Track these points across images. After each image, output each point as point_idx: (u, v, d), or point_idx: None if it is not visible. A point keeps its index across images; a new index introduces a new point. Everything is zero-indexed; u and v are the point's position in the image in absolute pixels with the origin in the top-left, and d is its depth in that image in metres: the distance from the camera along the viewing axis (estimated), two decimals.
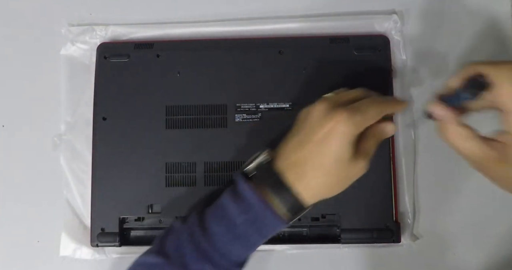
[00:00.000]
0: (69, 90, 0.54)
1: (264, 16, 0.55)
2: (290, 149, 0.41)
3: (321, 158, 0.39)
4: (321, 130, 0.38)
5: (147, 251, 0.44)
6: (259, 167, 0.42)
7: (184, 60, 0.52)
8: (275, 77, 0.51)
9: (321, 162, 0.39)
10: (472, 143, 0.37)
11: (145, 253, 0.43)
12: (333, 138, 0.38)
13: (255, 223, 0.40)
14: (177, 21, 0.55)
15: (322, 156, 0.38)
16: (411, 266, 0.51)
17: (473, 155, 0.37)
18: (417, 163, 0.52)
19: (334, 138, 0.38)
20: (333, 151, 0.38)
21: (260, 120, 0.50)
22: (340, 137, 0.38)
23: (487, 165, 0.37)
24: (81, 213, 0.52)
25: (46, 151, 0.54)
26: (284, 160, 0.40)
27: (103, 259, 0.52)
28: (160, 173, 0.50)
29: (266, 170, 0.41)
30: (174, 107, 0.51)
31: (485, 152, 0.36)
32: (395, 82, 0.52)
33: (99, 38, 0.55)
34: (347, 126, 0.38)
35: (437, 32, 0.54)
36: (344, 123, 0.38)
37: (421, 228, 0.51)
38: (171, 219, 0.50)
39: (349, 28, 0.53)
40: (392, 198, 0.49)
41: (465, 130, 0.37)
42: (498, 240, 0.51)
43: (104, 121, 0.51)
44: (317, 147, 0.39)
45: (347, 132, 0.38)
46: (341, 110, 0.38)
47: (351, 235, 0.48)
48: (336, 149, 0.38)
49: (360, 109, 0.39)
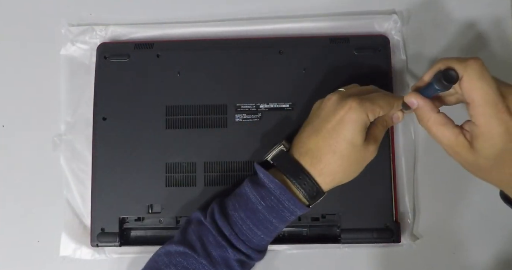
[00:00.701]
0: (69, 90, 0.54)
1: (264, 16, 0.55)
2: (305, 137, 0.43)
3: (334, 144, 0.41)
4: (334, 118, 0.41)
5: (169, 242, 0.45)
6: (277, 156, 0.44)
7: (184, 60, 0.52)
8: (275, 77, 0.51)
9: (335, 147, 0.41)
10: (446, 128, 0.39)
11: (167, 243, 0.45)
12: (346, 125, 0.41)
13: (275, 208, 0.42)
14: (177, 21, 0.55)
15: (336, 141, 0.41)
16: (411, 266, 0.51)
17: (447, 140, 0.40)
18: (417, 163, 0.52)
19: (346, 125, 0.41)
20: (346, 137, 0.41)
21: (260, 120, 0.50)
22: (352, 123, 0.41)
23: (458, 150, 0.40)
24: (81, 213, 0.52)
25: (46, 151, 0.54)
26: (300, 147, 0.43)
27: (103, 259, 0.52)
28: (160, 173, 0.50)
29: (283, 157, 0.44)
30: (174, 107, 0.51)
31: (458, 138, 0.39)
32: (395, 82, 0.52)
33: (99, 38, 0.55)
34: (358, 113, 0.40)
35: (437, 32, 0.54)
36: (356, 110, 0.40)
37: (421, 228, 0.51)
38: (171, 219, 0.50)
39: (349, 28, 0.53)
40: (392, 198, 0.49)
41: (439, 117, 0.40)
42: (498, 240, 0.51)
43: (104, 121, 0.51)
44: (330, 133, 0.41)
45: (359, 119, 0.41)
46: (352, 98, 0.41)
47: (351, 235, 0.48)
48: (348, 135, 0.41)
49: (370, 99, 0.42)
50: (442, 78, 0.37)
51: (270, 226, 0.43)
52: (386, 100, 0.42)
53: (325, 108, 0.43)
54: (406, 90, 0.53)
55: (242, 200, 0.43)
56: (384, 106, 0.42)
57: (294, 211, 0.43)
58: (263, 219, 0.42)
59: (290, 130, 0.49)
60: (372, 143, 0.42)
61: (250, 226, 0.42)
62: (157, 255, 0.45)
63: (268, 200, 0.42)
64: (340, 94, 0.43)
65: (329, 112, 0.42)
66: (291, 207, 0.42)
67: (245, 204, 0.43)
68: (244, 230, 0.43)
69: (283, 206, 0.42)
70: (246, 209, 0.43)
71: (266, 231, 0.43)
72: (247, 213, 0.43)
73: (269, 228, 0.43)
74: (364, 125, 0.41)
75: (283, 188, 0.42)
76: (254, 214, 0.42)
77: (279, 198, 0.42)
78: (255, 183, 0.44)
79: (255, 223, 0.42)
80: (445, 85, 0.38)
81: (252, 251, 0.43)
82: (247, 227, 0.42)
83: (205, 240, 0.43)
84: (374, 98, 0.42)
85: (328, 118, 0.42)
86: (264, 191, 0.42)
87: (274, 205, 0.42)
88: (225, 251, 0.43)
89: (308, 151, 0.42)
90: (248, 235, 0.43)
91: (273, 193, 0.42)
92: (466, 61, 0.38)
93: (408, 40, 0.54)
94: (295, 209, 0.42)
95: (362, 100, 0.41)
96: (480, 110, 0.37)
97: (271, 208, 0.42)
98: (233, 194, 0.45)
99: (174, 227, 0.50)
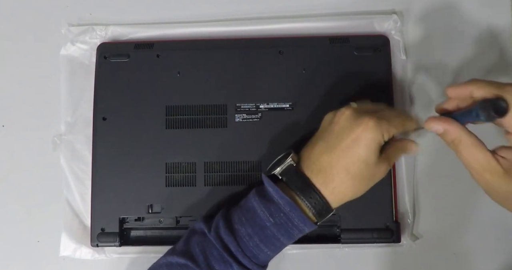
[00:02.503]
0: (69, 90, 0.54)
1: (264, 16, 0.55)
2: (317, 153, 0.42)
3: (349, 163, 0.40)
4: (349, 136, 0.40)
5: (171, 252, 0.44)
6: (287, 171, 0.42)
7: (184, 60, 0.52)
8: (275, 77, 0.51)
9: (349, 167, 0.40)
10: (478, 150, 0.37)
11: (169, 254, 0.44)
12: (361, 144, 0.39)
13: (284, 225, 0.41)
14: (177, 21, 0.55)
15: (351, 161, 0.40)
16: (411, 266, 0.51)
17: (478, 163, 0.37)
18: (417, 163, 0.52)
19: (362, 144, 0.39)
20: (361, 157, 0.40)
21: (260, 120, 0.50)
22: (368, 143, 0.39)
23: (488, 176, 0.37)
24: (81, 213, 0.52)
25: (46, 151, 0.54)
26: (311, 163, 0.42)
27: (103, 259, 0.52)
28: (160, 173, 0.50)
29: (293, 174, 0.42)
30: (174, 107, 0.51)
31: (490, 163, 0.37)
32: (395, 82, 0.52)
33: (99, 38, 0.55)
34: (375, 133, 0.39)
35: (437, 32, 0.54)
36: (372, 130, 0.39)
37: (421, 228, 0.51)
38: (171, 219, 0.50)
39: (349, 28, 0.53)
40: (392, 198, 0.49)
41: (471, 138, 0.38)
42: (498, 240, 0.51)
43: (104, 121, 0.51)
44: (344, 152, 0.40)
45: (375, 139, 0.39)
46: (368, 117, 0.40)
47: (351, 235, 0.48)
48: (363, 155, 0.40)
49: (386, 118, 0.40)
50: (491, 110, 0.34)
51: (277, 243, 0.42)
52: (400, 119, 0.41)
53: (339, 123, 0.41)
54: (406, 91, 0.53)
55: (249, 214, 0.42)
56: (399, 126, 0.41)
57: (302, 229, 0.41)
58: (271, 236, 0.41)
59: (290, 131, 0.49)
60: (385, 162, 0.41)
61: (257, 242, 0.41)
62: (158, 265, 0.44)
63: (277, 217, 0.41)
64: (354, 110, 0.41)
65: (344, 129, 0.40)
66: (300, 225, 0.41)
67: (252, 219, 0.41)
68: (250, 246, 0.41)
69: (292, 224, 0.41)
70: (254, 224, 0.41)
71: (273, 248, 0.42)
72: (255, 229, 0.41)
73: (276, 245, 0.42)
74: (379, 145, 0.40)
75: (294, 205, 0.40)
76: (262, 231, 0.41)
77: (288, 215, 0.40)
78: (263, 197, 0.42)
79: (263, 239, 0.41)
80: (493, 117, 0.35)
81: (257, 267, 0.42)
82: (254, 243, 0.41)
83: (208, 254, 0.42)
84: (389, 117, 0.41)
85: (343, 136, 0.40)
86: (273, 207, 0.41)
87: (283, 222, 0.41)
88: (229, 267, 0.41)
89: (321, 169, 0.41)
90: (254, 251, 0.41)
91: (283, 210, 0.41)
92: (506, 87, 0.36)
93: (408, 40, 0.54)
94: (304, 227, 0.41)
95: (380, 119, 0.40)
96: None
97: (280, 225, 0.41)
98: (239, 206, 0.44)
99: (174, 227, 0.50)
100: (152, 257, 0.49)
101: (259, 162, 0.49)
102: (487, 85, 0.37)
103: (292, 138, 0.49)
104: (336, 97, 0.50)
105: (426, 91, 0.53)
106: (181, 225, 0.50)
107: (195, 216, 0.49)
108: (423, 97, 0.53)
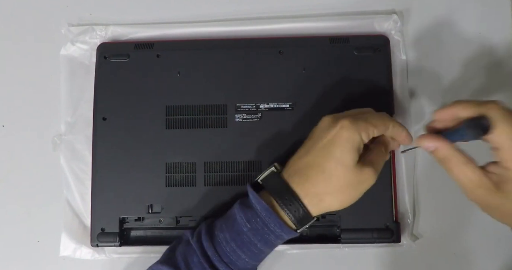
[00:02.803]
0: (69, 90, 0.54)
1: (264, 16, 0.55)
2: (296, 158, 0.42)
3: (324, 163, 0.40)
4: (326, 137, 0.40)
5: (158, 260, 0.45)
6: (267, 177, 0.43)
7: (184, 60, 0.52)
8: (275, 77, 0.51)
9: (324, 166, 0.40)
10: (468, 168, 0.38)
11: (156, 262, 0.45)
12: (336, 143, 0.39)
13: (260, 230, 0.41)
14: (177, 21, 0.55)
15: (325, 160, 0.40)
16: (411, 266, 0.51)
17: (469, 180, 0.38)
18: (417, 163, 0.52)
19: (337, 143, 0.39)
20: (335, 155, 0.39)
21: (260, 120, 0.50)
22: (343, 142, 0.39)
23: (480, 192, 0.38)
24: (81, 213, 0.52)
25: (46, 151, 0.54)
26: (289, 168, 0.42)
27: (103, 259, 0.52)
28: (160, 173, 0.50)
29: (273, 178, 0.42)
30: (174, 107, 0.51)
31: (481, 180, 0.37)
32: (395, 82, 0.52)
33: (99, 38, 0.55)
34: (350, 131, 0.39)
35: (437, 32, 0.54)
36: (347, 129, 0.39)
37: (421, 228, 0.51)
38: (171, 219, 0.50)
39: (349, 28, 0.53)
40: (392, 198, 0.49)
41: (461, 156, 0.38)
42: (498, 240, 0.51)
43: (104, 121, 0.51)
44: (320, 152, 0.40)
45: (350, 138, 0.39)
46: (345, 118, 0.40)
47: (351, 235, 0.48)
48: (338, 153, 0.39)
49: (364, 118, 0.40)
50: (475, 128, 0.35)
51: (255, 249, 0.41)
52: (381, 120, 0.41)
53: (319, 127, 0.42)
54: (405, 91, 0.53)
55: (229, 221, 0.42)
56: (379, 125, 0.40)
57: (280, 234, 0.41)
58: (247, 241, 0.41)
59: (290, 131, 0.49)
60: (368, 166, 0.40)
61: (234, 247, 0.41)
62: None
63: (254, 222, 0.41)
64: (334, 115, 0.42)
65: (321, 132, 0.41)
66: (276, 231, 0.41)
67: (231, 225, 0.42)
68: (227, 252, 0.41)
69: (269, 229, 0.41)
70: (232, 230, 0.41)
71: (251, 254, 0.41)
72: (232, 234, 0.41)
73: (254, 251, 0.41)
74: (356, 144, 0.39)
75: (269, 210, 0.40)
76: (238, 236, 0.41)
77: (264, 220, 0.40)
78: (244, 204, 0.42)
79: (239, 245, 0.41)
80: (478, 135, 0.36)
81: None
82: (231, 248, 0.41)
83: (189, 261, 0.42)
84: (368, 117, 0.41)
85: (320, 138, 0.41)
86: (251, 212, 0.41)
87: (259, 227, 0.41)
88: None
89: (297, 171, 0.41)
90: (231, 257, 0.41)
91: (259, 215, 0.41)
92: (487, 105, 0.37)
93: (408, 40, 0.54)
94: (281, 233, 0.41)
95: (355, 119, 0.40)
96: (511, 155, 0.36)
97: (256, 231, 0.41)
98: (223, 215, 0.44)
99: (174, 227, 0.50)
100: (152, 257, 0.49)
101: (259, 162, 0.49)
102: (470, 105, 0.38)
103: (292, 138, 0.49)
104: (336, 97, 0.50)
105: (426, 91, 0.53)
106: (181, 225, 0.50)
107: (195, 216, 0.49)
108: (423, 97, 0.53)
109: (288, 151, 0.49)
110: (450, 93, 0.53)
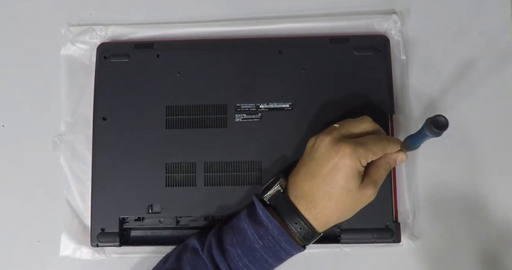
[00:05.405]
0: (69, 90, 0.54)
1: (264, 16, 0.55)
2: (300, 180, 0.43)
3: (329, 190, 0.41)
4: (328, 164, 0.41)
5: (162, 266, 0.45)
6: (275, 196, 0.44)
7: (184, 60, 0.52)
8: (275, 77, 0.51)
9: (330, 193, 0.41)
10: None
11: (159, 266, 0.45)
12: (339, 171, 0.41)
13: (272, 248, 0.42)
14: (177, 21, 0.55)
15: (330, 187, 0.41)
16: (411, 266, 0.51)
17: None
18: (417, 163, 0.52)
19: (340, 171, 0.41)
20: (340, 183, 0.41)
21: (260, 120, 0.50)
22: (346, 169, 0.41)
23: None
24: (81, 213, 0.52)
25: (46, 151, 0.54)
26: (295, 190, 0.43)
27: (103, 259, 0.52)
28: (160, 173, 0.50)
29: (280, 199, 0.43)
30: (174, 107, 0.51)
31: None
32: (395, 82, 0.52)
33: (99, 38, 0.55)
34: (351, 159, 0.40)
35: (437, 32, 0.54)
36: (349, 157, 0.40)
37: (421, 228, 0.51)
38: (171, 219, 0.50)
39: (349, 28, 0.53)
40: (392, 198, 0.49)
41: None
42: (498, 240, 0.51)
43: (104, 121, 0.51)
44: (325, 179, 0.41)
45: (352, 165, 0.40)
46: (346, 144, 0.41)
47: (351, 235, 0.48)
48: (342, 181, 0.41)
49: (364, 144, 0.41)
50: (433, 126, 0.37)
51: (266, 265, 0.43)
52: (380, 145, 0.42)
53: (319, 150, 0.42)
54: (405, 91, 0.53)
55: (240, 235, 0.44)
56: (378, 151, 0.42)
57: (290, 251, 0.43)
58: (259, 257, 0.43)
59: (290, 131, 0.49)
60: (370, 187, 0.42)
61: (246, 263, 0.43)
62: None
63: (266, 240, 0.42)
64: (333, 136, 0.42)
65: (323, 157, 0.42)
66: (287, 248, 0.43)
67: (242, 241, 0.43)
68: (240, 267, 0.43)
69: (280, 247, 0.42)
70: (244, 246, 0.43)
71: (261, 269, 0.44)
72: (245, 250, 0.43)
73: (265, 266, 0.43)
74: (357, 171, 0.41)
75: (281, 229, 0.42)
76: (251, 252, 0.43)
77: (276, 238, 0.42)
78: (254, 219, 0.44)
79: (251, 260, 0.43)
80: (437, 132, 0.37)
81: None
82: (243, 264, 0.43)
83: None
84: (368, 143, 0.42)
85: (322, 163, 0.42)
86: (262, 230, 0.43)
87: (272, 245, 0.42)
88: None
89: (304, 195, 0.42)
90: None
91: (271, 233, 0.42)
92: None
93: (408, 40, 0.54)
94: (291, 250, 0.43)
95: (356, 146, 0.41)
96: None
97: (268, 248, 0.43)
98: (231, 227, 0.45)
99: (174, 227, 0.50)
100: (152, 257, 0.49)
101: (259, 162, 0.49)
102: None
103: (292, 138, 0.49)
104: (336, 97, 0.50)
105: (426, 91, 0.53)
106: (181, 225, 0.50)
107: (195, 216, 0.49)
108: (423, 97, 0.53)
109: (288, 151, 0.49)
110: (450, 93, 0.53)
